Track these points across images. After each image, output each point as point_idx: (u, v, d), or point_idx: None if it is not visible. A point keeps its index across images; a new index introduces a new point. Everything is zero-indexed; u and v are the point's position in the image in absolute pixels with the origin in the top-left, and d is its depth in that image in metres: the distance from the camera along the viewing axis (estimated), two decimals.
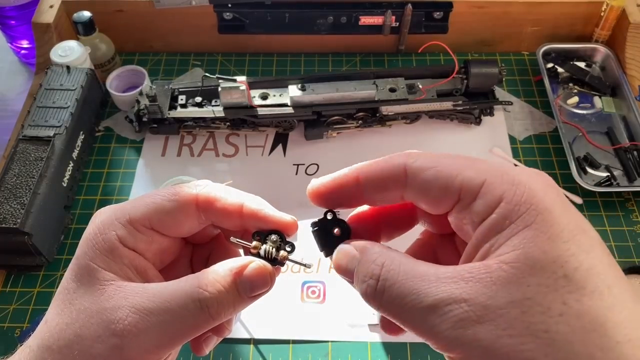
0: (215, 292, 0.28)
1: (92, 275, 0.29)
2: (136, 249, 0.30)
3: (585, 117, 0.77)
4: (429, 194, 0.26)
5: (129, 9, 0.80)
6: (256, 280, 0.29)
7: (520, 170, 0.25)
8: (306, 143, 0.75)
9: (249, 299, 0.29)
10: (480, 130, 0.76)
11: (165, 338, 0.28)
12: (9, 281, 0.63)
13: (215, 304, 0.28)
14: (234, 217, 0.31)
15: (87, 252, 0.29)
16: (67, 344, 0.28)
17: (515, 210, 0.23)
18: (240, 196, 0.31)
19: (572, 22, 0.83)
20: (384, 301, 0.25)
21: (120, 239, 0.29)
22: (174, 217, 0.31)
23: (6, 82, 0.86)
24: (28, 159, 0.63)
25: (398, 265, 0.25)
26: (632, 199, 0.70)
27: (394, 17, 0.79)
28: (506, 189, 0.23)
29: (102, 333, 0.27)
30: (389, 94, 0.72)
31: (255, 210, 0.31)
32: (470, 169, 0.25)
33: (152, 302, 0.28)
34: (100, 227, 0.30)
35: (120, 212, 0.30)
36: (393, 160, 0.28)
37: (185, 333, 0.28)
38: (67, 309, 0.29)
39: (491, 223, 0.24)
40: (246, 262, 0.29)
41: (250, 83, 0.70)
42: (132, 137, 0.75)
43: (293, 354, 0.58)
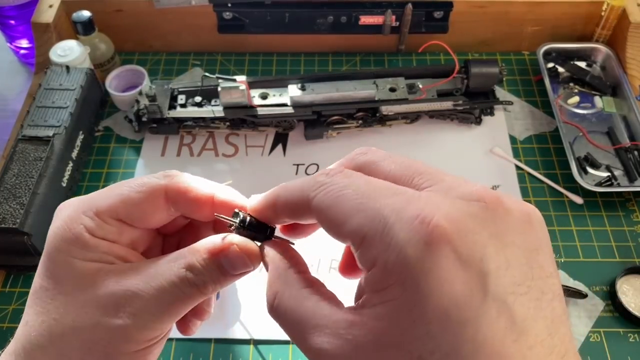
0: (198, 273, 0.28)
1: (73, 268, 0.28)
2: (106, 239, 0.30)
3: (586, 117, 0.77)
4: (328, 232, 0.26)
5: (128, 8, 0.80)
6: (237, 263, 0.29)
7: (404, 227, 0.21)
8: (306, 143, 0.75)
9: (233, 277, 0.29)
10: (481, 130, 0.76)
11: (163, 315, 0.28)
12: (8, 281, 0.63)
13: (202, 282, 0.28)
14: (205, 208, 0.31)
15: (59, 247, 0.29)
16: (62, 337, 0.27)
17: (385, 278, 0.21)
18: (211, 187, 0.31)
19: (573, 22, 0.83)
20: (276, 321, 0.26)
21: (89, 231, 0.29)
22: (142, 209, 0.30)
23: (5, 82, 0.86)
24: (27, 158, 0.63)
25: (287, 300, 0.25)
26: (632, 199, 0.69)
27: (394, 17, 0.79)
28: (379, 253, 0.21)
29: (100, 319, 0.27)
30: (389, 94, 0.72)
31: (225, 200, 0.31)
32: (359, 216, 0.23)
33: (147, 283, 0.28)
34: (67, 222, 0.29)
35: (87, 204, 0.30)
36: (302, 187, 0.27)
37: (181, 307, 0.29)
38: (50, 305, 0.28)
39: (369, 279, 0.22)
40: (226, 243, 0.29)
41: (250, 83, 0.70)
42: (131, 137, 0.75)
43: (293, 354, 0.58)
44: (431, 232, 0.21)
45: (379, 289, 0.22)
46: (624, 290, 0.61)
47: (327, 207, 0.24)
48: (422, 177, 0.24)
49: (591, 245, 0.66)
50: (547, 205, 0.69)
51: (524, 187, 0.70)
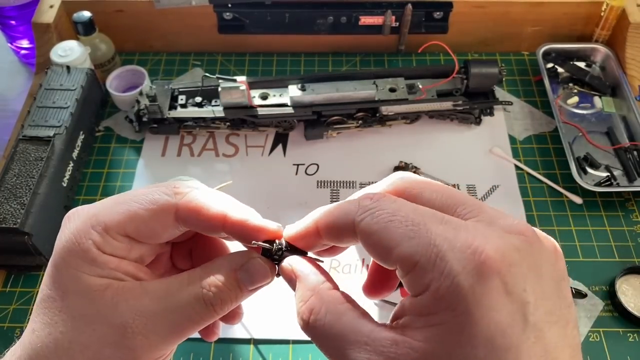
0: (217, 291, 0.29)
1: (81, 283, 0.28)
2: (117, 256, 0.30)
3: (585, 117, 0.77)
4: (372, 255, 0.26)
5: (128, 9, 0.80)
6: (255, 276, 0.30)
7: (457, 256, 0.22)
8: (306, 143, 0.75)
9: (249, 292, 0.30)
10: (480, 130, 0.76)
11: (172, 335, 0.28)
12: (9, 281, 0.63)
13: (219, 302, 0.29)
14: (217, 226, 0.30)
15: (67, 260, 0.29)
16: (68, 352, 0.27)
17: (436, 303, 0.22)
18: (223, 205, 0.30)
19: (572, 22, 0.83)
20: (310, 337, 0.26)
21: (98, 247, 0.29)
22: (151, 227, 0.30)
23: (6, 82, 0.86)
24: (28, 158, 0.63)
25: (324, 316, 0.26)
26: (632, 199, 0.70)
27: (394, 17, 0.79)
28: (433, 279, 0.22)
29: (108, 337, 0.27)
30: (389, 94, 0.72)
31: (238, 221, 0.30)
32: (410, 243, 0.23)
33: (157, 304, 0.28)
34: (75, 234, 0.29)
35: (96, 218, 0.29)
36: (346, 211, 0.27)
37: (191, 328, 0.29)
38: (57, 317, 0.28)
39: (416, 303, 0.23)
40: (245, 258, 0.30)
41: (250, 83, 0.70)
42: (132, 137, 0.75)
43: (293, 354, 0.58)
44: (483, 263, 0.22)
45: (426, 313, 0.23)
46: (624, 290, 0.61)
47: (376, 232, 0.25)
48: (465, 207, 0.25)
49: (590, 245, 0.66)
50: (547, 205, 0.69)
51: (523, 187, 0.71)
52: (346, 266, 0.63)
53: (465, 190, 0.70)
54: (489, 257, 0.22)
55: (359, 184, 0.71)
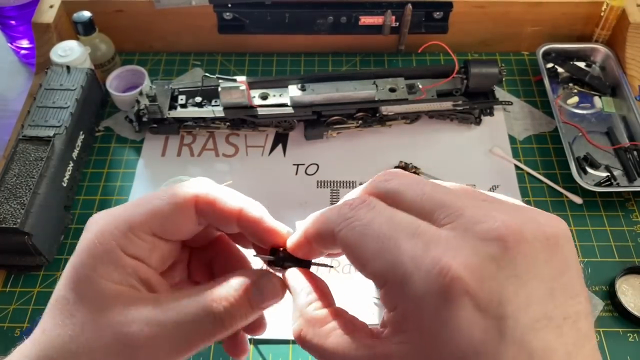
0: (228, 306, 0.29)
1: (96, 287, 0.28)
2: (138, 257, 0.30)
3: (585, 117, 0.77)
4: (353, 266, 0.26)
5: (128, 9, 0.80)
6: (267, 294, 0.30)
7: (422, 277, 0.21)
8: (306, 143, 0.75)
9: (260, 309, 0.30)
10: (480, 130, 0.76)
11: (178, 349, 0.28)
12: (8, 281, 0.63)
13: (229, 317, 0.29)
14: (232, 221, 0.31)
15: (86, 262, 0.29)
16: (73, 356, 0.27)
17: (405, 323, 0.23)
18: (240, 201, 0.31)
19: (572, 22, 0.83)
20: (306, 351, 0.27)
21: (122, 249, 0.29)
22: (174, 221, 0.30)
23: (6, 82, 0.86)
24: (28, 159, 0.63)
25: (311, 338, 0.27)
26: (632, 199, 0.70)
27: (394, 17, 0.79)
28: (399, 301, 0.23)
29: (114, 346, 0.27)
30: (389, 94, 0.72)
31: (253, 218, 0.30)
32: (380, 261, 0.23)
33: (166, 316, 0.28)
34: (99, 237, 0.29)
35: (120, 220, 0.29)
36: (328, 220, 0.27)
37: (198, 344, 0.28)
38: (68, 320, 0.28)
39: (390, 319, 0.24)
40: (257, 277, 0.30)
41: (250, 83, 0.70)
42: (132, 137, 0.75)
43: (293, 354, 0.58)
44: (449, 285, 0.21)
45: (399, 330, 0.23)
46: (624, 289, 0.61)
47: (352, 245, 0.25)
48: (442, 211, 0.24)
49: (590, 245, 0.66)
50: (547, 205, 0.69)
51: (523, 187, 0.71)
52: (346, 266, 0.63)
53: None
54: (455, 276, 0.21)
55: (359, 184, 0.70)
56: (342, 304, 0.29)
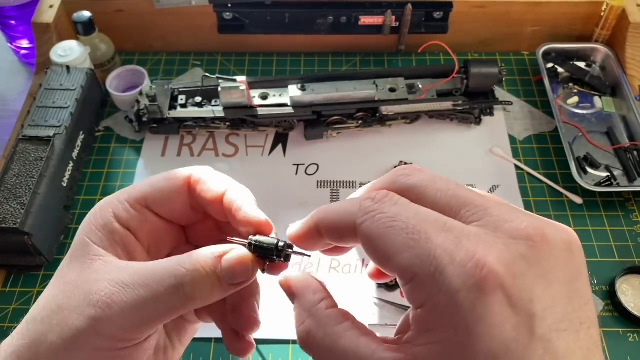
0: (192, 271, 0.28)
1: (84, 250, 0.29)
2: (129, 227, 0.31)
3: (585, 117, 0.77)
4: (373, 261, 0.25)
5: (128, 9, 0.80)
6: (236, 267, 0.28)
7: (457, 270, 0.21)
8: (306, 143, 0.75)
9: (228, 287, 0.29)
10: (480, 130, 0.76)
11: (139, 315, 0.27)
12: (8, 281, 0.63)
13: (191, 283, 0.27)
14: (216, 203, 0.31)
15: (84, 228, 0.30)
16: (49, 314, 0.28)
17: (436, 319, 0.22)
18: (225, 183, 0.31)
19: (572, 22, 0.83)
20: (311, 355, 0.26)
21: (115, 216, 0.30)
22: (168, 196, 0.31)
23: (6, 82, 0.86)
24: (28, 159, 0.63)
25: (322, 338, 0.25)
26: (632, 199, 0.70)
27: (394, 17, 0.79)
28: (432, 295, 0.22)
29: (80, 304, 0.27)
30: (389, 94, 0.72)
31: (232, 201, 0.31)
32: (409, 254, 0.22)
33: (131, 277, 0.28)
34: (100, 206, 0.31)
35: (121, 192, 0.32)
36: (347, 212, 0.26)
37: (159, 312, 0.28)
38: (56, 282, 0.29)
39: (417, 317, 0.23)
40: (228, 248, 0.29)
41: (250, 83, 0.70)
42: (132, 137, 0.75)
43: (293, 354, 0.58)
44: (485, 278, 0.21)
45: (427, 329, 0.22)
46: (624, 289, 0.61)
47: (376, 238, 0.24)
48: (469, 209, 0.24)
49: (591, 245, 0.66)
50: (547, 205, 0.69)
51: (523, 187, 0.71)
52: (346, 266, 0.63)
53: None
54: (491, 270, 0.21)
55: (359, 184, 0.71)
56: (342, 304, 0.29)
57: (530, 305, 0.21)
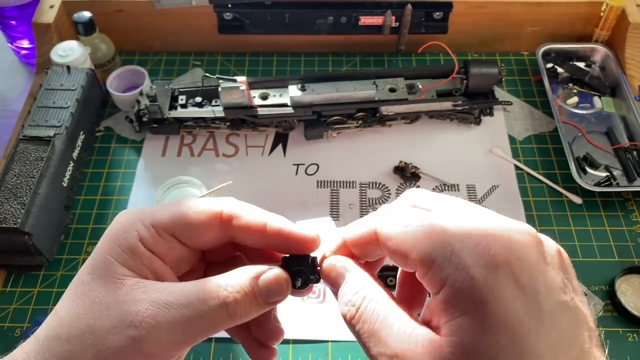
0: (234, 292, 0.29)
1: (110, 269, 0.29)
2: (155, 252, 0.31)
3: (585, 117, 0.77)
4: (395, 260, 0.28)
5: (129, 9, 0.80)
6: (272, 287, 0.30)
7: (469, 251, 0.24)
8: (306, 143, 0.75)
9: (265, 305, 0.30)
10: (480, 130, 0.76)
11: (182, 333, 0.28)
12: (9, 281, 0.63)
13: (233, 303, 0.29)
14: (256, 234, 0.32)
15: (106, 247, 0.30)
16: (78, 333, 0.28)
17: (456, 296, 0.24)
18: (264, 215, 0.32)
19: (572, 23, 0.83)
20: (356, 329, 0.28)
21: (141, 239, 0.30)
22: (196, 229, 0.31)
23: (6, 82, 0.86)
24: (28, 158, 0.63)
25: (375, 305, 0.27)
26: (631, 199, 0.70)
27: (394, 18, 0.79)
28: (449, 274, 0.24)
29: (118, 324, 0.27)
30: (388, 94, 0.72)
31: (279, 228, 0.32)
32: (426, 243, 0.26)
33: (173, 298, 0.28)
34: (124, 226, 0.30)
35: (146, 214, 0.31)
36: (368, 222, 0.29)
37: (202, 330, 0.29)
38: (79, 300, 0.29)
39: (438, 300, 0.25)
40: (265, 268, 0.31)
41: (250, 83, 0.70)
42: (132, 137, 0.76)
43: (293, 354, 0.58)
44: (493, 257, 0.24)
45: (448, 307, 0.24)
46: (623, 289, 0.61)
47: (395, 236, 0.27)
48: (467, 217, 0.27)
49: (590, 245, 0.66)
50: (547, 205, 0.69)
51: (523, 187, 0.71)
52: None
53: (465, 190, 0.70)
54: (498, 252, 0.24)
55: (359, 184, 0.71)
56: None
57: (535, 284, 0.24)
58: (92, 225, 0.67)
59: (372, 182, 0.71)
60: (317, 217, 0.67)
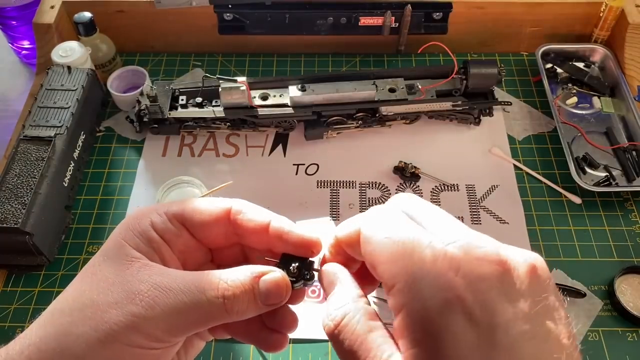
0: (234, 286, 0.30)
1: (122, 251, 0.30)
2: (165, 239, 0.32)
3: (584, 117, 0.77)
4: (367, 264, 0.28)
5: (129, 9, 0.80)
6: (272, 289, 0.31)
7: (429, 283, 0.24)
8: (306, 143, 0.75)
9: (262, 306, 0.31)
10: (480, 131, 0.76)
11: (178, 319, 0.29)
12: (9, 281, 0.63)
13: (231, 297, 0.30)
14: (260, 233, 0.33)
15: (120, 232, 0.31)
16: (80, 307, 0.29)
17: (412, 325, 0.24)
18: (268, 214, 0.33)
19: (571, 23, 0.83)
20: (334, 345, 0.28)
21: (152, 224, 0.32)
22: (206, 220, 0.33)
23: (7, 82, 0.86)
24: (29, 159, 0.64)
25: (355, 324, 0.27)
26: (630, 199, 0.70)
27: (394, 18, 0.79)
28: (407, 302, 0.25)
29: (119, 300, 0.28)
30: (388, 94, 0.72)
31: (280, 228, 0.32)
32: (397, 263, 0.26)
33: (174, 282, 0.29)
34: (138, 214, 0.32)
35: (160, 205, 0.33)
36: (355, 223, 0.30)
37: (197, 319, 0.29)
38: (88, 279, 0.30)
39: (397, 324, 0.25)
40: (267, 270, 0.31)
41: (251, 83, 0.70)
42: (132, 137, 0.76)
43: (293, 354, 0.58)
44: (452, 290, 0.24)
45: (405, 334, 0.25)
46: (622, 289, 0.61)
47: (373, 242, 0.27)
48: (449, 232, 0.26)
49: (589, 244, 0.66)
50: (546, 205, 0.69)
51: (522, 187, 0.71)
52: None
53: (465, 190, 0.70)
54: (456, 286, 0.24)
55: (359, 184, 0.71)
56: None
57: (492, 319, 0.23)
58: (93, 225, 0.68)
59: (371, 182, 0.71)
60: (317, 217, 0.68)
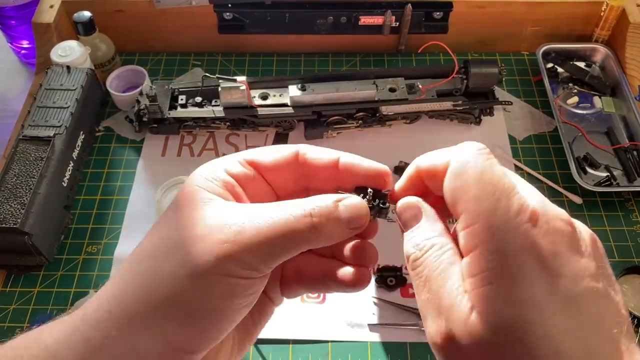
0: (320, 206, 0.30)
1: (195, 195, 0.30)
2: (238, 180, 0.32)
3: (585, 117, 0.77)
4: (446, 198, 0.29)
5: (129, 9, 0.80)
6: (354, 211, 0.31)
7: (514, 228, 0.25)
8: (306, 143, 0.75)
9: (346, 230, 0.31)
10: (480, 130, 0.76)
11: (268, 245, 0.28)
12: (9, 281, 0.63)
13: (318, 215, 0.29)
14: (330, 169, 0.33)
15: (193, 180, 0.31)
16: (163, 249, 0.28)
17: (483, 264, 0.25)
18: (336, 151, 0.34)
19: (572, 22, 0.83)
20: (416, 272, 0.28)
21: (225, 168, 0.32)
22: (277, 162, 0.33)
23: (6, 82, 0.86)
24: (28, 158, 0.63)
25: (440, 255, 0.28)
26: (631, 199, 0.70)
27: (394, 17, 0.79)
28: (483, 242, 0.26)
29: (205, 234, 0.28)
30: (389, 94, 0.72)
31: (350, 160, 0.33)
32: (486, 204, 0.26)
33: (259, 210, 0.29)
34: (208, 164, 0.32)
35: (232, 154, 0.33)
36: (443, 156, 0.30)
37: (288, 242, 0.29)
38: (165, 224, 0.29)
39: (467, 261, 0.26)
40: (346, 196, 0.31)
41: (250, 83, 0.70)
42: (132, 137, 0.75)
43: (293, 354, 0.58)
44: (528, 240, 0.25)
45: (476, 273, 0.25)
46: (623, 289, 0.61)
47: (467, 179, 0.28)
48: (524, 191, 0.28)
49: None
50: None
51: None
52: None
53: None
54: (534, 235, 0.25)
55: None
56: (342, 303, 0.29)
57: (562, 269, 0.25)
58: (92, 225, 0.67)
59: None
60: None
